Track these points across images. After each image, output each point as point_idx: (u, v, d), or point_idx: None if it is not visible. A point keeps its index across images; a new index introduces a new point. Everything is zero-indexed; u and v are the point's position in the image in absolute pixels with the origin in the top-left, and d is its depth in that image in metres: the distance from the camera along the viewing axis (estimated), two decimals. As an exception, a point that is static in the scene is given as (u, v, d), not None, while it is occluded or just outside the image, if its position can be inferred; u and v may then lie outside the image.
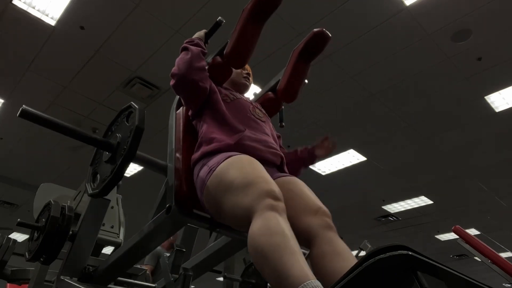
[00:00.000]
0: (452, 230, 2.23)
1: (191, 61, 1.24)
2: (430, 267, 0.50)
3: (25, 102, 4.78)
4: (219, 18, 1.42)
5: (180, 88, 1.26)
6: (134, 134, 1.10)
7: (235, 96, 1.37)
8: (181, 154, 1.24)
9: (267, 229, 0.82)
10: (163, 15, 3.43)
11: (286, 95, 1.49)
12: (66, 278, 1.35)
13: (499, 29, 3.31)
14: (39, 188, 2.53)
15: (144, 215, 1.35)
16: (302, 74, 1.47)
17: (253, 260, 0.85)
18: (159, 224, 1.17)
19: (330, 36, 1.36)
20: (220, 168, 1.05)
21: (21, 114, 1.07)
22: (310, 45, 1.40)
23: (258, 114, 1.35)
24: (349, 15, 3.29)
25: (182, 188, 1.15)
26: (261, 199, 0.89)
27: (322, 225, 1.02)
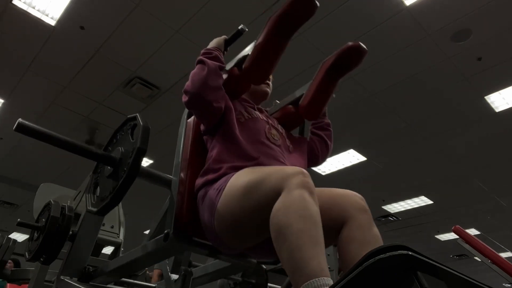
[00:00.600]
0: (452, 230, 2.23)
1: (206, 79, 1.13)
2: (430, 267, 0.50)
3: (25, 102, 4.82)
4: (241, 26, 1.28)
5: (193, 106, 1.17)
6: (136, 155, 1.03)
7: (250, 114, 1.25)
8: (186, 173, 1.16)
9: (294, 210, 0.79)
10: (163, 15, 3.43)
11: (309, 113, 1.34)
12: (66, 278, 1.34)
13: (499, 29, 3.31)
14: (39, 188, 2.54)
15: (144, 215, 1.35)
16: (329, 92, 1.31)
17: (272, 237, 0.81)
18: (156, 248, 1.12)
19: (367, 50, 1.20)
20: (229, 183, 0.99)
21: (17, 128, 1.03)
22: (342, 60, 1.25)
23: (273, 137, 1.22)
24: (349, 15, 3.29)
25: (182, 213, 1.09)
26: (290, 177, 0.84)
27: (356, 207, 0.99)
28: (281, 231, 0.78)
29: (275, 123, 1.32)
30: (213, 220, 1.00)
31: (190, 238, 1.10)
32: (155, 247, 1.11)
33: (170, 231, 1.04)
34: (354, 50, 1.21)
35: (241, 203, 0.93)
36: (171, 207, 1.11)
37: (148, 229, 5.20)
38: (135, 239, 6.59)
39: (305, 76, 1.41)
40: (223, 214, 0.97)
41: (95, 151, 1.13)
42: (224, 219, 0.97)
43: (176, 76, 4.15)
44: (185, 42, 3.67)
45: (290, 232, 0.77)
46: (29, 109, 4.85)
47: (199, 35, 3.60)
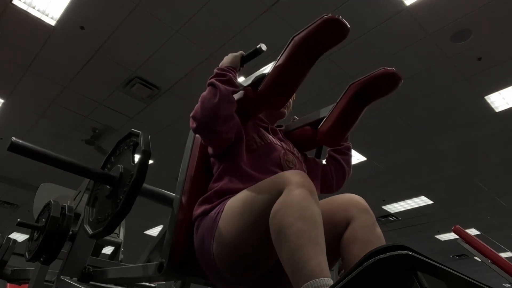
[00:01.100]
0: (452, 230, 2.23)
1: (218, 107, 1.02)
2: (430, 267, 0.50)
3: (25, 102, 4.82)
4: (260, 45, 1.13)
5: (201, 133, 1.09)
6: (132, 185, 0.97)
7: (263, 140, 1.15)
8: (187, 198, 1.10)
9: (295, 210, 0.78)
10: (163, 15, 3.43)
11: (328, 140, 1.22)
12: (66, 278, 1.34)
13: (499, 29, 3.31)
14: (39, 188, 2.54)
15: (144, 215, 1.35)
16: (353, 119, 1.19)
17: (272, 236, 0.80)
18: (151, 275, 1.07)
19: (402, 78, 1.10)
20: (228, 203, 0.96)
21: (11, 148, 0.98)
22: (374, 86, 1.12)
23: (289, 163, 1.13)
24: (349, 15, 3.29)
25: (180, 242, 1.03)
26: (289, 177, 0.83)
27: (358, 207, 0.98)
28: (282, 231, 0.78)
29: (290, 147, 1.22)
30: (212, 242, 0.94)
31: (186, 269, 1.04)
32: (150, 274, 1.07)
33: (165, 262, 1.00)
34: (388, 77, 1.09)
35: (242, 215, 0.90)
36: (170, 233, 1.06)
37: (148, 229, 5.27)
38: (135, 239, 6.60)
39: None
40: (224, 232, 0.92)
41: (93, 170, 1.07)
42: (225, 238, 0.92)
43: (176, 76, 4.15)
44: (185, 42, 3.67)
45: (290, 232, 0.76)
46: (29, 109, 4.85)
47: (199, 35, 3.60)
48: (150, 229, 8.11)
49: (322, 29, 0.97)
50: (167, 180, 4.95)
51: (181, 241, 1.03)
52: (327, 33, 0.98)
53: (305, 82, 1.47)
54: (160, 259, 1.02)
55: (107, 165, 1.18)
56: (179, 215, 1.07)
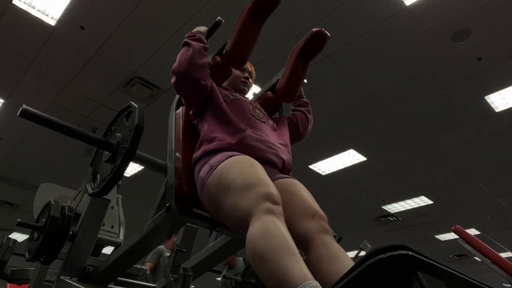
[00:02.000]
0: (452, 230, 2.23)
1: (192, 58, 1.22)
2: (430, 267, 0.50)
3: (25, 102, 4.78)
4: (218, 18, 1.40)
5: (181, 85, 1.24)
6: (134, 132, 1.10)
7: (234, 96, 1.35)
8: (181, 153, 1.22)
9: (265, 232, 0.83)
10: (163, 15, 3.43)
11: (285, 95, 1.48)
12: (66, 278, 1.35)
13: (499, 29, 3.31)
14: (39, 188, 2.53)
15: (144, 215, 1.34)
16: (301, 74, 1.46)
17: (251, 263, 0.85)
18: (159, 223, 1.16)
19: (329, 35, 1.36)
20: (220, 167, 1.05)
21: (21, 114, 1.08)
22: (309, 45, 1.40)
23: (258, 115, 1.33)
24: (349, 15, 3.29)
25: (182, 187, 1.14)
26: (260, 202, 0.90)
27: (319, 229, 1.03)
28: (257, 253, 0.81)
29: (258, 106, 1.43)
30: (202, 195, 1.09)
31: (191, 210, 1.15)
32: (157, 222, 1.16)
33: (172, 203, 1.10)
34: (318, 35, 1.36)
35: (221, 196, 1.01)
36: (170, 185, 1.16)
37: (148, 229, 5.00)
38: (135, 239, 6.58)
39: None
40: (209, 192, 1.06)
41: (94, 136, 1.19)
42: (209, 197, 1.06)
43: (176, 76, 4.15)
44: (185, 42, 3.67)
45: (266, 251, 0.79)
46: (29, 109, 4.84)
47: (199, 35, 3.59)
48: (150, 229, 8.09)
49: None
50: (167, 180, 4.94)
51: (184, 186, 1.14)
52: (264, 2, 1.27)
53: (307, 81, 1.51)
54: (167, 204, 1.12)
55: (108, 133, 1.29)
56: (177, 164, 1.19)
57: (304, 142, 1.64)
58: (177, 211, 1.10)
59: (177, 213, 1.10)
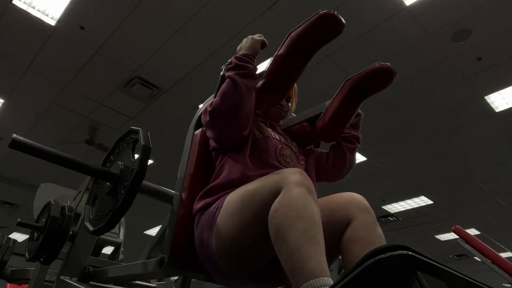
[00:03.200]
0: (452, 230, 2.23)
1: (240, 105, 1.00)
2: (430, 267, 0.50)
3: (25, 102, 4.82)
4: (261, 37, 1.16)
5: (216, 128, 1.06)
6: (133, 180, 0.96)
7: (262, 133, 1.15)
8: (187, 193, 1.09)
9: (293, 209, 0.77)
10: (163, 15, 3.43)
11: (326, 135, 1.24)
12: (66, 278, 1.34)
13: (499, 29, 3.31)
14: (39, 188, 2.54)
15: (144, 215, 1.35)
16: (350, 114, 1.20)
17: (271, 236, 0.80)
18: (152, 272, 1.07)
19: (396, 72, 1.12)
20: (227, 199, 0.96)
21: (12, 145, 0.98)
22: (369, 81, 1.14)
23: (286, 158, 1.13)
24: (349, 15, 3.29)
25: (180, 237, 1.03)
26: (288, 176, 0.82)
27: (360, 207, 0.97)
28: (280, 231, 0.77)
29: (288, 141, 1.22)
30: (211, 238, 0.94)
31: (186, 264, 1.05)
32: (150, 270, 1.07)
33: (166, 258, 1.00)
34: (384, 71, 1.12)
35: (241, 212, 0.89)
36: (170, 229, 1.06)
37: (148, 229, 5.27)
38: (135, 239, 6.59)
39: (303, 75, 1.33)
40: (223, 228, 0.92)
41: (93, 167, 1.07)
42: (223, 234, 0.92)
43: (176, 76, 4.15)
44: (185, 42, 3.67)
45: (289, 232, 0.75)
46: (29, 109, 4.85)
47: (199, 35, 3.60)
48: (150, 229, 8.10)
49: (317, 24, 0.99)
50: (167, 179, 4.95)
51: (182, 237, 1.03)
52: (322, 28, 0.99)
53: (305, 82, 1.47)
54: (161, 255, 1.02)
55: (107, 163, 1.17)
56: (179, 211, 1.07)
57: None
58: (170, 267, 1.00)
59: (169, 268, 1.01)
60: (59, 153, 1.06)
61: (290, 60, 1.04)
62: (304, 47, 1.03)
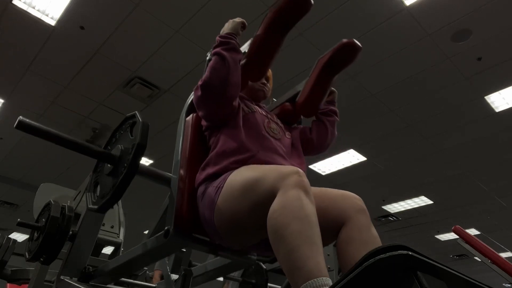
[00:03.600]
0: (452, 230, 2.23)
1: (227, 75, 1.09)
2: (430, 267, 0.50)
3: (25, 102, 4.81)
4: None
5: (208, 102, 1.12)
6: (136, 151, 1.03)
7: (249, 108, 1.23)
8: (186, 170, 1.15)
9: (290, 211, 0.78)
10: (163, 15, 3.43)
11: (306, 110, 1.35)
12: (66, 278, 1.34)
13: (499, 29, 3.31)
14: (39, 188, 2.54)
15: (144, 215, 1.35)
16: (325, 88, 1.32)
17: (270, 238, 0.81)
18: (157, 245, 1.11)
19: (361, 47, 1.24)
20: (227, 182, 0.99)
21: (18, 126, 1.03)
22: (338, 57, 1.27)
23: (273, 131, 1.21)
24: (349, 15, 3.29)
25: (182, 209, 1.08)
26: (286, 176, 0.84)
27: (355, 208, 0.98)
28: (278, 232, 0.78)
29: (274, 118, 1.31)
30: (213, 217, 1.00)
31: (191, 234, 1.09)
32: (155, 245, 1.11)
33: (170, 228, 1.04)
34: (349, 47, 1.25)
35: (239, 201, 0.93)
36: (171, 204, 1.10)
37: (148, 229, 5.19)
38: (135, 239, 6.59)
39: (305, 76, 1.40)
40: (222, 211, 0.97)
41: (95, 149, 1.12)
42: (224, 216, 0.97)
43: (176, 76, 4.15)
44: (185, 42, 3.67)
45: (287, 233, 0.76)
46: (29, 109, 4.85)
47: (199, 35, 3.60)
48: (150, 229, 8.09)
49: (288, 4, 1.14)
50: (167, 180, 4.95)
51: (184, 210, 1.08)
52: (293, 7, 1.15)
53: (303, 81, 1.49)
54: (166, 227, 1.06)
55: (112, 140, 1.23)
56: (180, 185, 1.12)
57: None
58: (174, 237, 1.05)
59: (175, 238, 1.05)
60: (64, 135, 1.12)
61: (268, 36, 1.18)
62: (279, 24, 1.18)
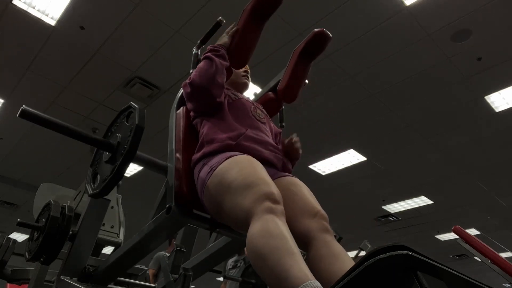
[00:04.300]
0: (452, 230, 2.23)
1: (214, 76, 1.22)
2: (430, 267, 0.50)
3: (25, 102, 4.79)
4: (219, 18, 1.41)
5: (195, 98, 1.25)
6: (134, 132, 1.10)
7: (236, 96, 1.36)
8: (182, 154, 1.22)
9: (265, 232, 0.83)
10: (163, 15, 3.43)
11: (287, 96, 1.48)
12: (66, 278, 1.35)
13: (499, 29, 3.31)
14: (39, 188, 2.53)
15: (144, 215, 1.35)
16: (302, 75, 1.46)
17: (252, 263, 0.85)
18: (159, 224, 1.16)
19: (331, 36, 1.37)
20: (220, 167, 1.05)
21: (21, 114, 1.07)
22: (311, 45, 1.41)
23: (259, 115, 1.34)
24: (349, 15, 3.29)
25: (182, 188, 1.14)
26: (260, 201, 0.89)
27: (320, 228, 1.03)
28: (258, 252, 0.81)
29: (260, 106, 1.44)
30: (202, 196, 1.09)
31: (191, 211, 1.14)
32: (157, 223, 1.16)
33: (172, 204, 1.10)
34: (319, 36, 1.37)
35: (222, 196, 1.01)
36: (170, 186, 1.16)
37: (148, 229, 4.99)
38: (135, 239, 6.59)
39: None
40: (210, 193, 1.05)
41: (94, 137, 1.18)
42: (210, 198, 1.05)
43: (176, 76, 4.15)
44: (185, 42, 3.67)
45: (266, 251, 0.79)
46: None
47: (199, 35, 3.57)
48: (150, 229, 8.09)
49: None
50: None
51: (184, 187, 1.14)
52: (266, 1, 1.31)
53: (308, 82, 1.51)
54: (167, 205, 1.11)
55: (108, 134, 1.28)
56: (177, 165, 1.18)
57: (304, 143, 1.63)
58: (177, 212, 1.10)
59: (177, 214, 1.10)
60: (65, 124, 1.16)
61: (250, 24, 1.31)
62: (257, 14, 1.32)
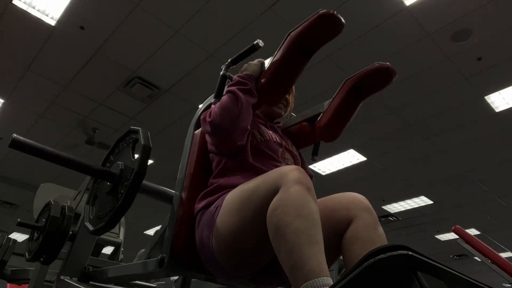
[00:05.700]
0: (452, 230, 2.23)
1: (238, 117, 1.03)
2: (430, 267, 0.50)
3: (25, 102, 4.81)
4: (257, 41, 1.14)
5: (215, 138, 1.07)
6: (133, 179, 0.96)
7: (263, 136, 1.15)
8: (187, 194, 1.09)
9: (292, 208, 0.76)
10: (163, 15, 3.43)
11: (326, 135, 1.24)
12: (66, 278, 1.34)
13: (499, 29, 3.30)
14: (39, 188, 2.54)
15: (144, 215, 1.36)
16: (349, 114, 1.21)
17: (270, 235, 0.79)
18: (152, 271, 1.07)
19: (396, 72, 1.12)
20: (226, 197, 0.96)
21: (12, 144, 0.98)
22: (368, 81, 1.14)
23: (287, 161, 1.15)
24: (349, 15, 3.29)
25: (180, 237, 1.03)
26: (286, 173, 0.82)
27: (361, 206, 0.97)
28: (279, 230, 0.77)
29: (289, 145, 1.23)
30: (211, 237, 0.94)
31: (186, 264, 1.05)
32: (150, 270, 1.07)
33: (166, 257, 1.00)
34: (382, 71, 1.11)
35: (239, 212, 0.89)
36: (170, 229, 1.06)
37: (148, 229, 5.28)
38: (135, 239, 6.60)
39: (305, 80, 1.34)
40: (222, 228, 0.92)
41: (93, 167, 1.06)
42: (223, 234, 0.92)
43: (176, 76, 4.15)
44: (185, 42, 3.67)
45: (288, 231, 0.75)
46: (29, 109, 4.85)
47: (199, 35, 3.60)
48: (150, 229, 8.10)
49: (317, 24, 0.99)
50: (166, 179, 4.95)
51: (182, 237, 1.03)
52: (322, 28, 0.99)
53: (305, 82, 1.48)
54: (161, 255, 1.02)
55: (107, 163, 1.16)
56: (180, 211, 1.07)
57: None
58: (170, 267, 1.00)
59: (170, 268, 1.01)
60: (59, 153, 1.05)
61: (290, 59, 1.04)
62: (304, 47, 1.03)
